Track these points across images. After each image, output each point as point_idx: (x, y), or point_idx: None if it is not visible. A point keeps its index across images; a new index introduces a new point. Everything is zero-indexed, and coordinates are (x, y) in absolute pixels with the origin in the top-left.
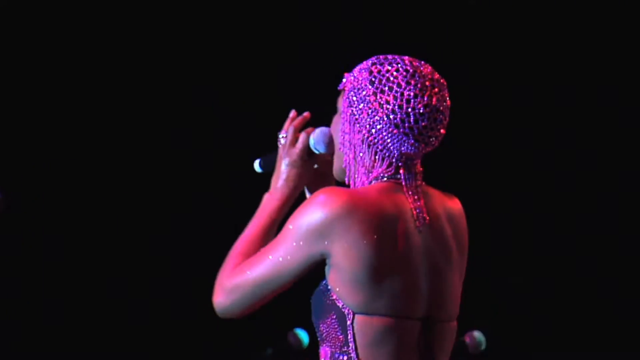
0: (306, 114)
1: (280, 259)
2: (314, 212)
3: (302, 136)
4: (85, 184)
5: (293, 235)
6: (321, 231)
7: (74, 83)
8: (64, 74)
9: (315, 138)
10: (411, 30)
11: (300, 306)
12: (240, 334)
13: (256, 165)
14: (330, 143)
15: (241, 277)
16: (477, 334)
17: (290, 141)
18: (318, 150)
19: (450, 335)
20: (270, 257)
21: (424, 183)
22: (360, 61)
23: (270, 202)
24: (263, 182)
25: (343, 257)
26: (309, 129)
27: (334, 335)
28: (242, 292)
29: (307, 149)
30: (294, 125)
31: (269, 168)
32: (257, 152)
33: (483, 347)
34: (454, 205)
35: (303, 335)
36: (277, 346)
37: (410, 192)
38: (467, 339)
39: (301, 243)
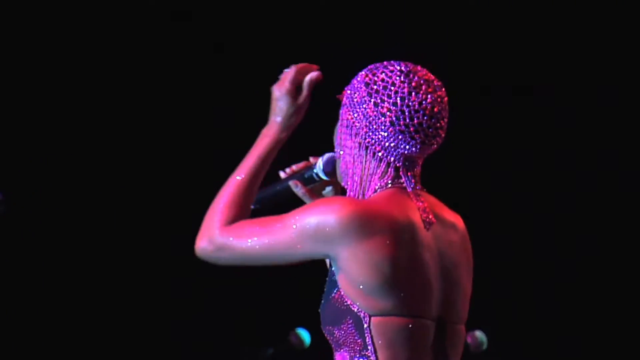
0: (315, 67)
1: (278, 246)
2: (326, 215)
3: (289, 72)
4: (85, 185)
5: (298, 231)
6: (330, 237)
7: (82, 83)
8: (68, 74)
9: (325, 162)
10: (411, 30)
11: (302, 306)
12: (241, 334)
13: None
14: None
15: (235, 241)
16: (478, 334)
17: (282, 78)
18: (327, 176)
19: (461, 338)
20: (269, 240)
21: (425, 189)
22: (361, 64)
23: (263, 139)
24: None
25: (356, 266)
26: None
27: (351, 339)
28: (231, 254)
29: (294, 86)
30: (295, 67)
31: (265, 203)
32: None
33: (485, 346)
34: (458, 222)
35: (305, 335)
36: (279, 346)
37: (414, 193)
38: (469, 339)
39: (304, 241)
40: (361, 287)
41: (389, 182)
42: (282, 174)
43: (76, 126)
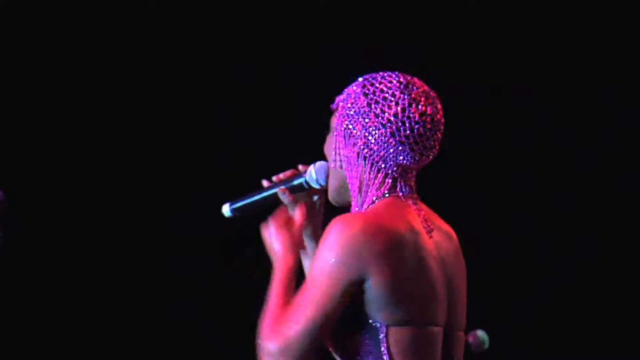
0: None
1: (326, 299)
2: (336, 242)
3: (297, 211)
4: (85, 185)
5: (325, 272)
6: (351, 256)
7: (82, 83)
8: (68, 74)
9: (317, 170)
10: (411, 30)
11: None
12: (242, 333)
13: (226, 209)
14: None
15: (290, 331)
16: (480, 333)
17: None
18: (320, 184)
19: (462, 345)
20: (316, 303)
21: (419, 198)
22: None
23: (282, 269)
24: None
25: (368, 278)
26: (312, 166)
27: (365, 350)
28: (295, 344)
29: (281, 222)
30: (286, 193)
31: (247, 212)
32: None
33: (486, 346)
34: (452, 232)
35: None
36: None
37: (411, 202)
38: (471, 338)
39: (336, 276)
40: (376, 299)
41: (386, 192)
42: (265, 183)
43: (76, 126)
